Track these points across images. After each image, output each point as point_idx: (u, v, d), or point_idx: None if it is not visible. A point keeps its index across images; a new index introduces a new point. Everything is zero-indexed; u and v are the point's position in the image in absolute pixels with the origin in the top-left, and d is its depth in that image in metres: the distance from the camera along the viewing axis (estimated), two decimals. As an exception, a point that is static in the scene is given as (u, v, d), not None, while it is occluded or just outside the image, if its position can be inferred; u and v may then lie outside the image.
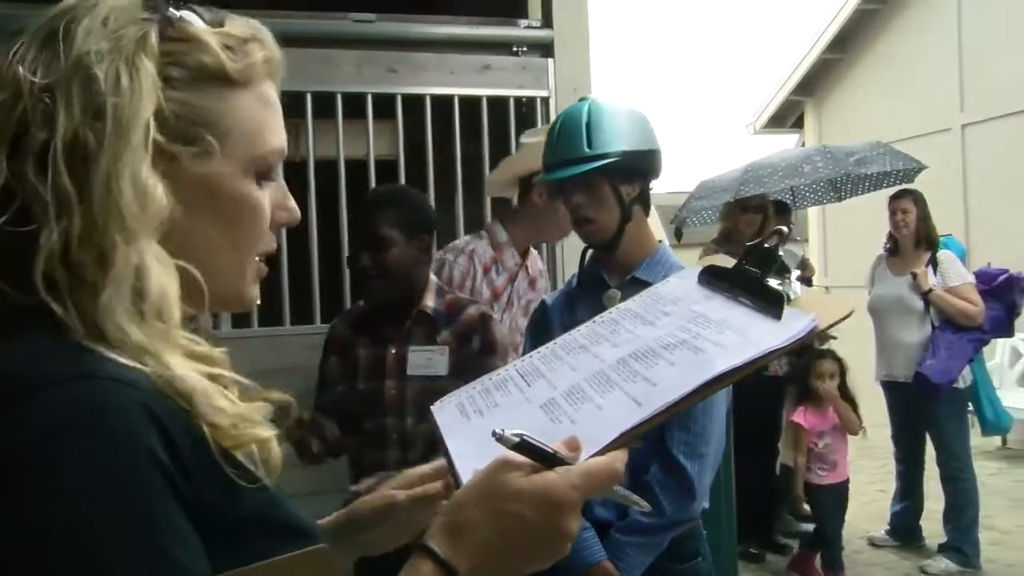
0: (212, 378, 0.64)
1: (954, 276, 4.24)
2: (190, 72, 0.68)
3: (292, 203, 0.77)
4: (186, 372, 0.62)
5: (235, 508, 0.61)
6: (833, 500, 3.98)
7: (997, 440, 6.56)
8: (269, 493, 0.64)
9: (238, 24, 0.72)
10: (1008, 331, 4.37)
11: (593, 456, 0.70)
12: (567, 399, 0.79)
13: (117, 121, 0.62)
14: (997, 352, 6.51)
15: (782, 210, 4.93)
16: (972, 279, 4.28)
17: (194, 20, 0.70)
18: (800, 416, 4.01)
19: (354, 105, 3.31)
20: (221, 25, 0.72)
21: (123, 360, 0.60)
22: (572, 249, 2.06)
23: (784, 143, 9.97)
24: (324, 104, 3.25)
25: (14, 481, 0.54)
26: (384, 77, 3.32)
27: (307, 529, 0.67)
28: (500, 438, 0.68)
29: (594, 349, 0.86)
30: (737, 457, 3.91)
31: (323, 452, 2.00)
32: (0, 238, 0.61)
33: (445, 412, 0.87)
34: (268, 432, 0.66)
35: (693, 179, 5.35)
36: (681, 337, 0.81)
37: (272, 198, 0.74)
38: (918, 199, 4.38)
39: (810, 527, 4.75)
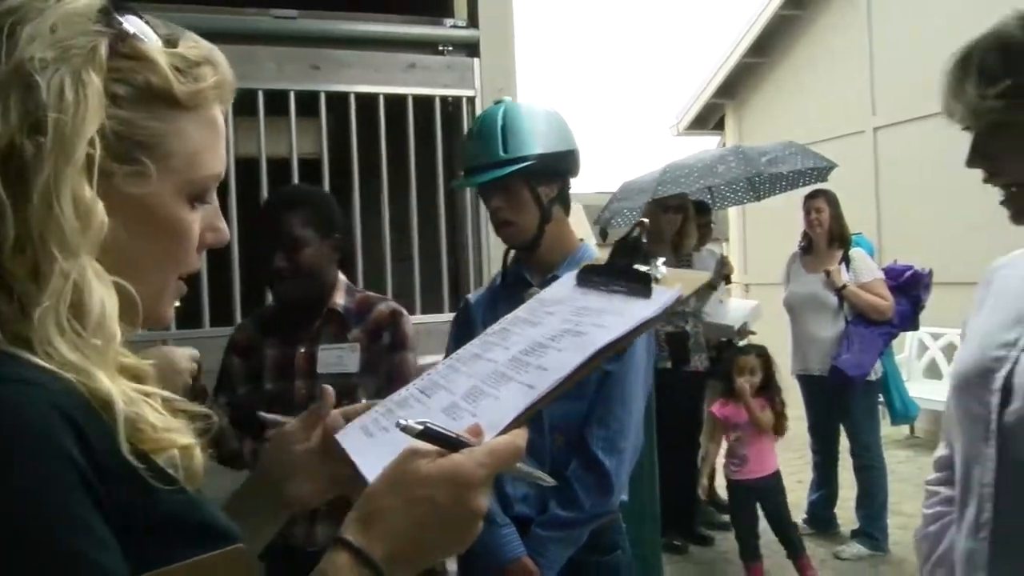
0: (140, 391, 0.65)
1: (865, 272, 4.42)
2: (137, 91, 0.67)
3: (223, 224, 0.77)
4: (103, 383, 0.62)
5: (151, 510, 0.61)
6: (742, 495, 4.03)
7: (906, 429, 6.86)
8: (187, 496, 0.64)
9: (191, 45, 0.72)
10: (914, 325, 4.56)
11: (495, 437, 0.73)
12: (466, 399, 0.82)
13: (59, 136, 0.61)
14: (905, 345, 6.80)
15: (702, 210, 5.06)
16: (882, 275, 4.47)
17: (147, 37, 0.69)
18: (717, 408, 4.11)
19: (276, 103, 3.27)
20: (175, 44, 0.71)
21: (39, 363, 0.59)
22: (498, 248, 2.08)
23: (706, 144, 10.19)
24: (245, 101, 3.20)
25: None
26: (307, 74, 3.28)
27: (227, 531, 0.67)
28: (404, 428, 0.71)
29: (487, 355, 0.90)
30: (659, 452, 4.00)
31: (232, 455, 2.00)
32: None
33: (349, 437, 0.89)
34: (189, 439, 0.66)
35: (620, 179, 5.44)
36: (565, 327, 0.87)
37: (203, 219, 0.74)
38: (831, 199, 4.55)
39: (728, 519, 4.91)
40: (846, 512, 4.61)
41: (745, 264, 9.21)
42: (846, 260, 4.46)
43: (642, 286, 0.87)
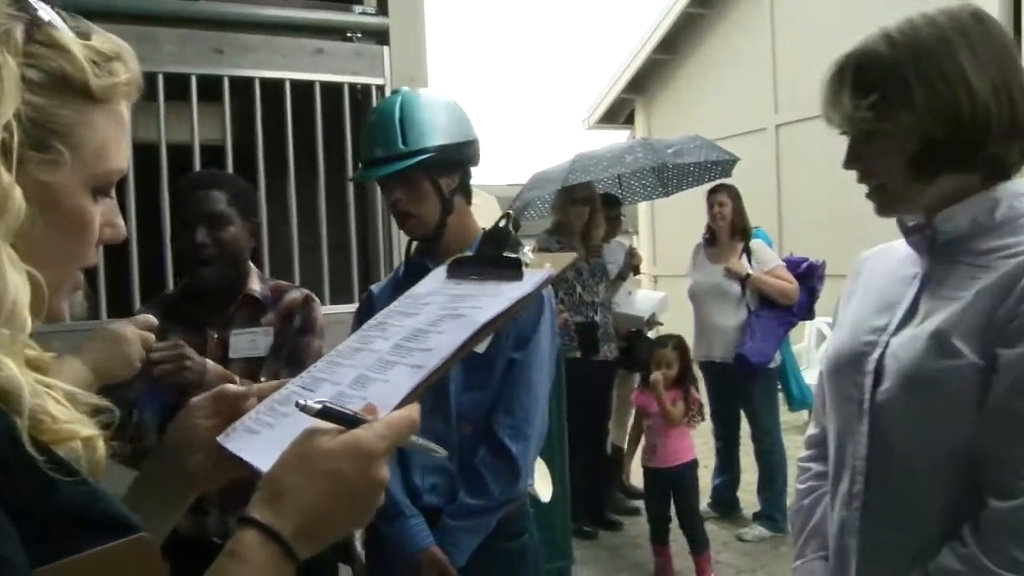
0: (42, 383, 0.64)
1: (769, 260, 4.60)
2: (51, 79, 0.67)
3: (120, 221, 0.77)
4: (11, 372, 0.61)
5: (52, 501, 0.60)
6: (653, 482, 4.09)
7: (805, 415, 7.12)
8: (89, 487, 0.63)
9: (104, 40, 0.72)
10: (809, 314, 4.74)
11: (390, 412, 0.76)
12: (353, 387, 0.84)
13: None
14: (804, 335, 7.07)
15: (612, 203, 5.15)
16: (783, 263, 4.65)
17: (61, 27, 0.68)
18: (635, 396, 4.18)
19: (177, 87, 3.16)
20: (87, 37, 0.70)
21: None
22: (405, 237, 2.07)
23: (617, 138, 10.36)
24: (144, 85, 3.08)
25: None
26: (209, 58, 3.18)
27: (129, 522, 0.66)
28: (303, 407, 0.73)
29: (369, 347, 0.93)
30: (569, 439, 4.06)
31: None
32: None
33: (234, 439, 0.89)
34: (92, 430, 0.66)
35: (532, 171, 5.50)
36: (443, 313, 0.92)
37: (102, 214, 0.74)
38: (733, 193, 4.69)
39: (637, 504, 5.01)
40: (749, 495, 4.77)
41: (654, 256, 9.42)
42: (747, 251, 4.62)
43: (514, 271, 0.93)
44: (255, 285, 2.07)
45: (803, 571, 1.31)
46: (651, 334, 5.24)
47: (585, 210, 4.67)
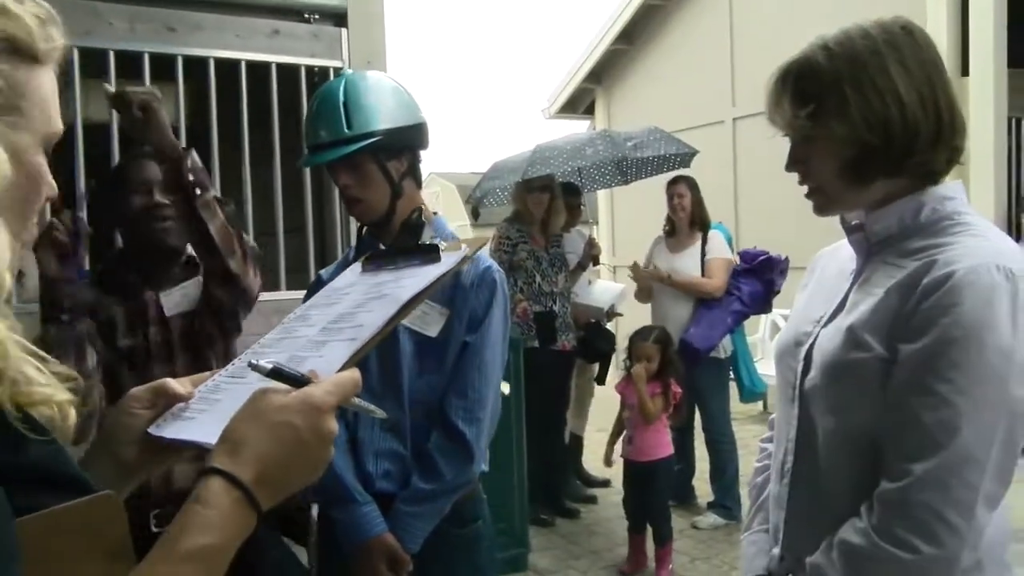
0: (22, 347, 0.66)
1: (713, 251, 4.66)
2: (5, 43, 0.69)
3: (52, 179, 0.78)
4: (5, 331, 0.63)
5: (21, 458, 0.63)
6: (627, 473, 4.08)
7: (759, 406, 7.24)
8: (56, 446, 0.67)
9: (36, 4, 0.73)
10: (766, 307, 4.80)
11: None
12: (290, 365, 0.86)
13: None
14: (760, 327, 7.17)
15: (572, 191, 5.15)
16: (728, 256, 4.69)
17: None
18: (619, 386, 4.15)
19: (129, 65, 3.07)
20: (22, 2, 0.72)
21: None
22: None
23: (577, 128, 10.38)
24: (94, 62, 2.99)
25: None
26: (162, 36, 3.11)
27: (90, 486, 0.69)
28: (255, 367, 0.78)
29: (294, 334, 0.99)
30: (527, 428, 4.06)
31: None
32: None
33: (168, 428, 0.91)
34: (65, 395, 0.69)
35: (493, 160, 5.47)
36: (367, 297, 0.99)
37: None
38: (692, 185, 4.73)
39: (594, 492, 5.03)
40: (704, 484, 4.82)
41: (613, 247, 9.46)
42: (704, 242, 4.66)
43: (432, 255, 1.02)
44: (189, 250, 2.10)
45: (748, 542, 1.41)
46: (610, 325, 5.26)
47: (544, 198, 4.66)
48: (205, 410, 0.91)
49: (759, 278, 4.64)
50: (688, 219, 4.70)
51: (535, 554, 4.19)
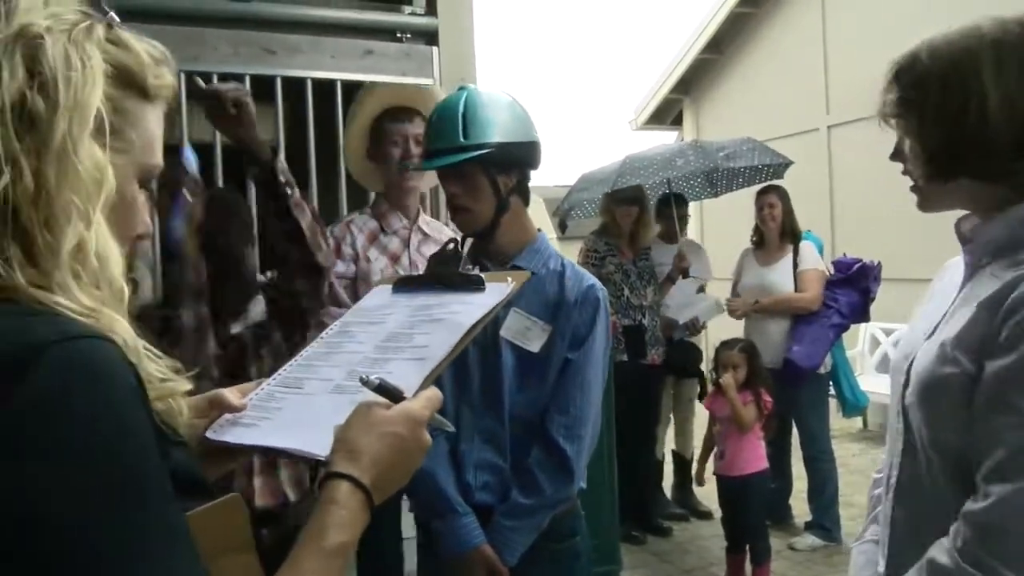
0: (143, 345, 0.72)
1: (806, 262, 4.50)
2: (119, 74, 0.74)
3: (147, 218, 0.83)
4: (123, 329, 0.68)
5: (168, 463, 0.67)
6: (721, 489, 3.97)
7: (859, 423, 6.99)
8: (188, 450, 0.75)
9: (152, 45, 0.79)
10: (864, 316, 4.60)
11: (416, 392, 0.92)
12: (349, 379, 0.94)
13: (72, 96, 0.66)
14: (858, 340, 6.92)
15: (679, 201, 5.05)
16: (822, 268, 4.52)
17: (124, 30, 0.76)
18: (708, 401, 4.07)
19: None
20: (139, 42, 0.77)
21: (63, 303, 0.64)
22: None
23: (664, 139, 10.26)
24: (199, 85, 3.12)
25: (34, 443, 0.57)
26: (262, 58, 3.22)
27: (209, 486, 0.77)
28: (365, 381, 0.88)
29: (342, 351, 1.05)
30: (618, 444, 4.01)
31: None
32: None
33: (226, 433, 0.98)
34: (183, 386, 0.77)
35: (580, 173, 5.46)
36: (417, 319, 1.05)
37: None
38: (783, 194, 4.60)
39: (677, 511, 4.91)
40: (802, 504, 4.67)
41: (702, 259, 9.28)
42: (795, 253, 4.53)
43: (475, 284, 1.08)
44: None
45: (858, 551, 1.39)
46: (694, 339, 5.11)
47: (634, 210, 4.61)
48: (266, 417, 0.99)
49: (855, 287, 4.47)
50: (779, 230, 4.58)
51: (627, 572, 4.13)
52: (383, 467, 0.84)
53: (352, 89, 3.34)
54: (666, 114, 10.35)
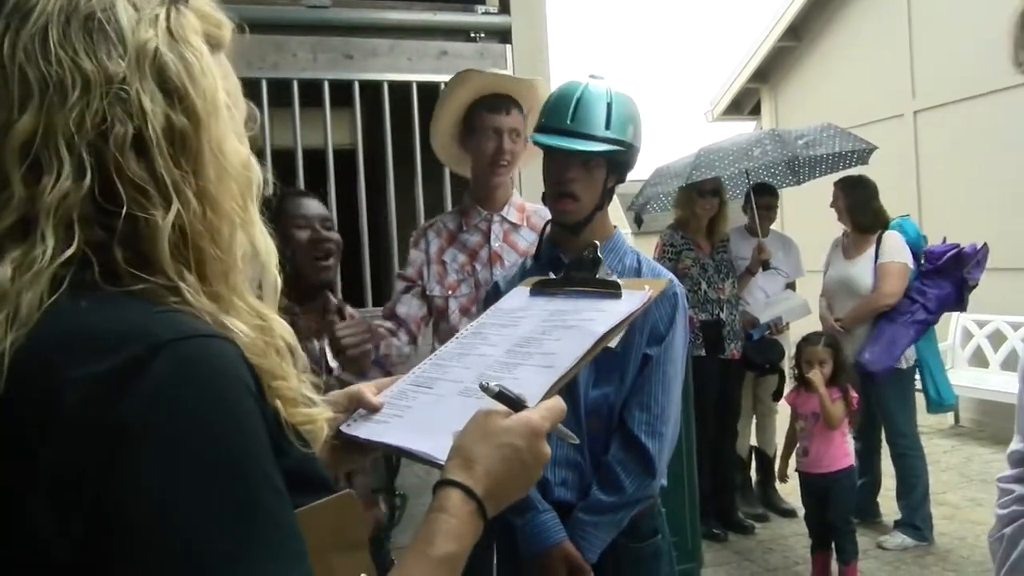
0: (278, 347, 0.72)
1: (885, 254, 4.32)
2: (212, 46, 0.72)
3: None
4: (282, 339, 0.70)
5: (283, 458, 0.67)
6: (805, 486, 3.86)
7: (950, 419, 6.73)
8: (311, 451, 0.73)
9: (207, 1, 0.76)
10: (960, 305, 4.38)
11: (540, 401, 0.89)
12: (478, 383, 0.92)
13: (203, 99, 0.66)
14: (949, 333, 6.66)
15: (769, 191, 4.94)
16: (903, 260, 4.30)
17: None
18: (790, 396, 3.98)
19: (310, 93, 3.28)
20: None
21: (212, 320, 0.65)
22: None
23: (742, 130, 10.04)
24: (279, 92, 3.21)
25: (147, 438, 0.58)
26: (340, 63, 3.29)
27: (331, 483, 0.77)
28: (485, 388, 0.86)
29: (474, 352, 1.05)
30: (698, 440, 3.96)
31: None
32: (108, 224, 0.63)
33: (359, 428, 0.99)
34: (328, 414, 0.77)
35: (654, 166, 5.36)
36: (550, 324, 1.03)
37: None
38: (851, 183, 4.46)
39: (759, 510, 4.82)
40: (891, 501, 4.53)
41: (782, 251, 9.07)
42: (878, 244, 4.37)
43: (612, 290, 1.05)
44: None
45: None
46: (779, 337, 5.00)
47: (715, 202, 4.53)
48: (398, 416, 0.98)
49: (948, 278, 4.28)
50: (851, 223, 4.44)
51: (708, 570, 4.08)
52: (497, 477, 0.82)
53: (428, 90, 3.39)
54: (743, 104, 10.15)
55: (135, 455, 0.57)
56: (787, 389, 4.31)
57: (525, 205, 2.66)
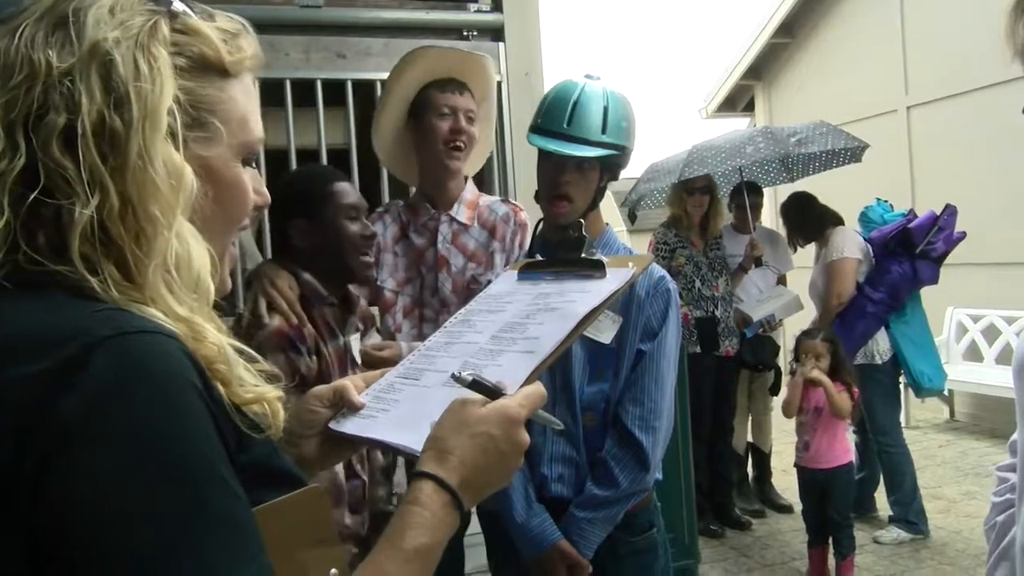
0: (233, 346, 0.72)
1: (831, 253, 4.34)
2: (193, 63, 0.73)
3: (264, 188, 0.83)
4: (214, 336, 0.69)
5: (243, 454, 0.67)
6: (803, 481, 3.88)
7: (946, 413, 6.75)
8: (272, 443, 0.73)
9: (228, 18, 0.78)
10: (933, 279, 4.31)
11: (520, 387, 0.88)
12: (464, 371, 0.90)
13: (143, 106, 0.67)
14: (944, 327, 6.67)
15: (755, 190, 4.96)
16: (851, 253, 4.30)
17: (191, 13, 0.75)
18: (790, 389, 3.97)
19: (302, 93, 3.27)
20: (213, 19, 0.77)
21: (160, 315, 0.65)
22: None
23: (736, 126, 10.05)
24: (272, 91, 3.20)
25: (87, 437, 0.57)
26: (333, 63, 3.29)
27: (299, 477, 0.76)
28: (457, 378, 0.85)
29: (462, 340, 1.04)
30: (694, 437, 3.96)
31: None
32: (31, 211, 0.64)
33: (348, 424, 0.98)
34: (277, 393, 0.75)
35: (648, 163, 5.34)
36: (534, 308, 1.02)
37: (251, 180, 0.81)
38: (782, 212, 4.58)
39: (756, 506, 4.82)
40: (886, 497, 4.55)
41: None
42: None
43: (597, 269, 1.04)
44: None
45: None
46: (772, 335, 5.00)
47: (705, 199, 4.54)
48: (385, 410, 0.98)
49: (896, 257, 4.22)
50: (803, 239, 4.55)
51: (705, 566, 4.09)
52: (474, 467, 0.81)
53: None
54: (737, 101, 10.15)
55: (74, 457, 0.57)
56: (784, 386, 4.32)
57: (478, 200, 2.47)
